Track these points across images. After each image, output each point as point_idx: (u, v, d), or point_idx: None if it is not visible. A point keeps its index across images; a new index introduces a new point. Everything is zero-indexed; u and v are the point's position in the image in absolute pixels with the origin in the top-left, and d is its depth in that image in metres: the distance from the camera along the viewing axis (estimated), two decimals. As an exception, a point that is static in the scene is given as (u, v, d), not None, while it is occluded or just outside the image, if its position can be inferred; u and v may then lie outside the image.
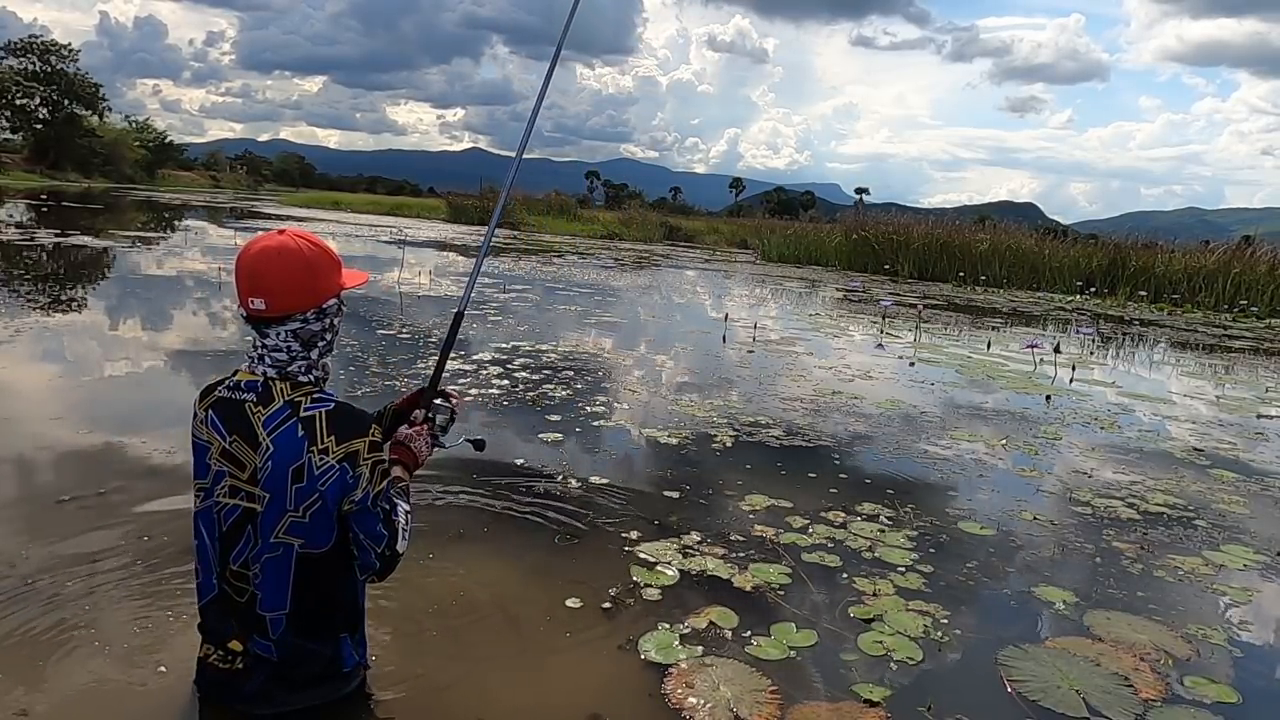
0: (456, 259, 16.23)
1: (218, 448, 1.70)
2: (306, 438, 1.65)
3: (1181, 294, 18.19)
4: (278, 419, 1.66)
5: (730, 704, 2.04)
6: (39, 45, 57.01)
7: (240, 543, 1.70)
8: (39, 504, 2.90)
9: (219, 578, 1.74)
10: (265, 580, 1.69)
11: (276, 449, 1.64)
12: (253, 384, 1.69)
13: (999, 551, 3.19)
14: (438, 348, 6.22)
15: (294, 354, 1.69)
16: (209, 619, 1.79)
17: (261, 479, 1.66)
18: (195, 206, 32.97)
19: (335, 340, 1.78)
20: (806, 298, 14.37)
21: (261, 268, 1.63)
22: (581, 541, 2.94)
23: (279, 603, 1.70)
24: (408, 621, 2.33)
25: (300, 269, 1.65)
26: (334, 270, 1.73)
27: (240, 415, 1.68)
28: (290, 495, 1.66)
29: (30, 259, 10.82)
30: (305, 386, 1.70)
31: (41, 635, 2.08)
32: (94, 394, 4.48)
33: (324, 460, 1.65)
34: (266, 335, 1.68)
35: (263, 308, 1.64)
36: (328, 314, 1.72)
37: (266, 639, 1.72)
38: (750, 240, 31.82)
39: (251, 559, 1.70)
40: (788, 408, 5.29)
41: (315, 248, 1.69)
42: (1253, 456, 5.07)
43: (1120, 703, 2.19)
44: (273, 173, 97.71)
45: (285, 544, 1.68)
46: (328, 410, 1.68)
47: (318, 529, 1.69)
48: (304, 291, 1.66)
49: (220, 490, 1.70)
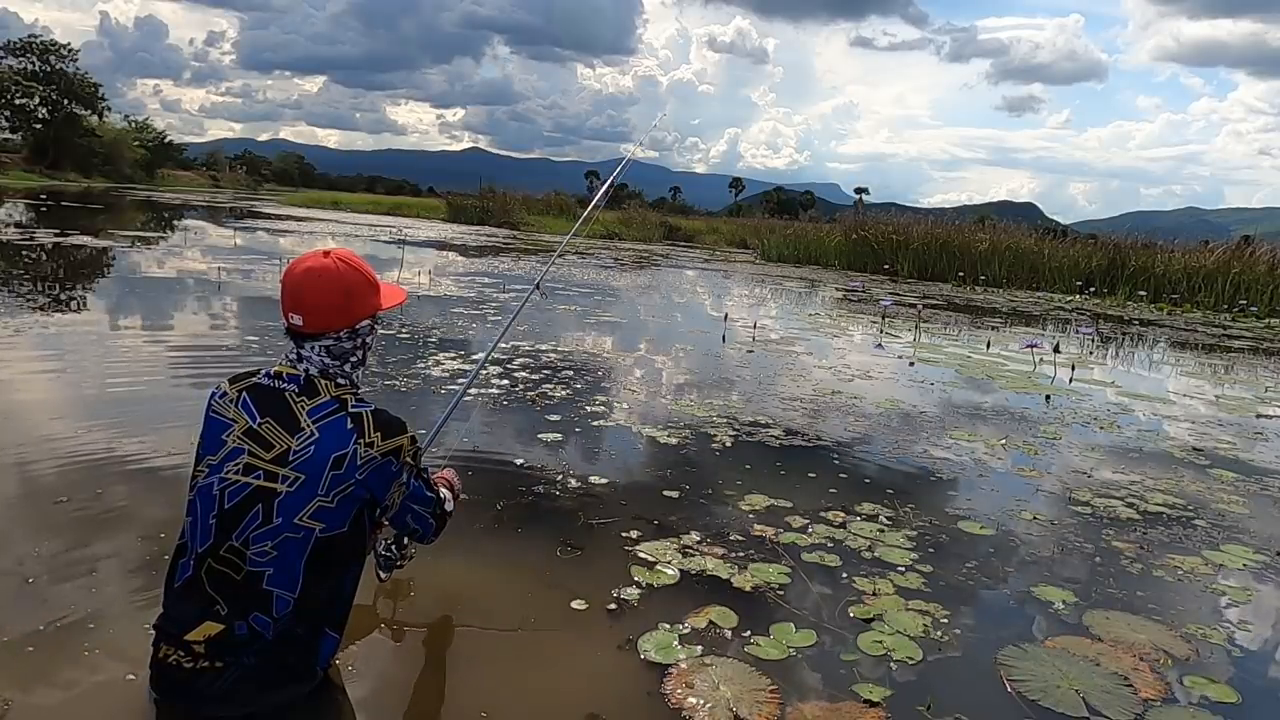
0: (456, 259, 16.24)
1: (242, 426, 1.77)
2: (355, 431, 1.77)
3: (1181, 294, 18.21)
4: (325, 410, 1.79)
5: (730, 704, 2.04)
6: (38, 45, 57.04)
7: (246, 520, 1.72)
8: (37, 504, 2.89)
9: (203, 557, 1.73)
10: (279, 559, 1.72)
11: (322, 437, 1.75)
12: (294, 378, 1.81)
13: (999, 551, 3.19)
14: (437, 347, 6.26)
15: (327, 365, 1.84)
16: (176, 605, 1.75)
17: (295, 461, 1.73)
18: (195, 206, 32.97)
19: (368, 356, 1.94)
20: (806, 298, 14.37)
21: (302, 287, 1.79)
22: (581, 542, 2.94)
23: (289, 583, 1.72)
24: (407, 622, 2.33)
25: (337, 291, 1.80)
26: (371, 293, 1.88)
27: (280, 402, 1.79)
28: (325, 480, 1.74)
29: (30, 259, 10.81)
30: (345, 387, 1.85)
31: (37, 636, 2.07)
32: (93, 394, 4.47)
33: (368, 453, 1.77)
34: (303, 347, 1.83)
35: (300, 324, 1.81)
36: (360, 334, 1.88)
37: (268, 616, 1.71)
38: (750, 240, 31.83)
39: (262, 536, 1.71)
40: (787, 407, 5.29)
41: (355, 271, 1.83)
42: (1252, 456, 5.07)
43: (1120, 702, 2.19)
44: (272, 172, 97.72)
45: (308, 528, 1.73)
46: (371, 410, 1.82)
47: (340, 514, 1.77)
48: (338, 312, 1.81)
49: (231, 467, 1.74)
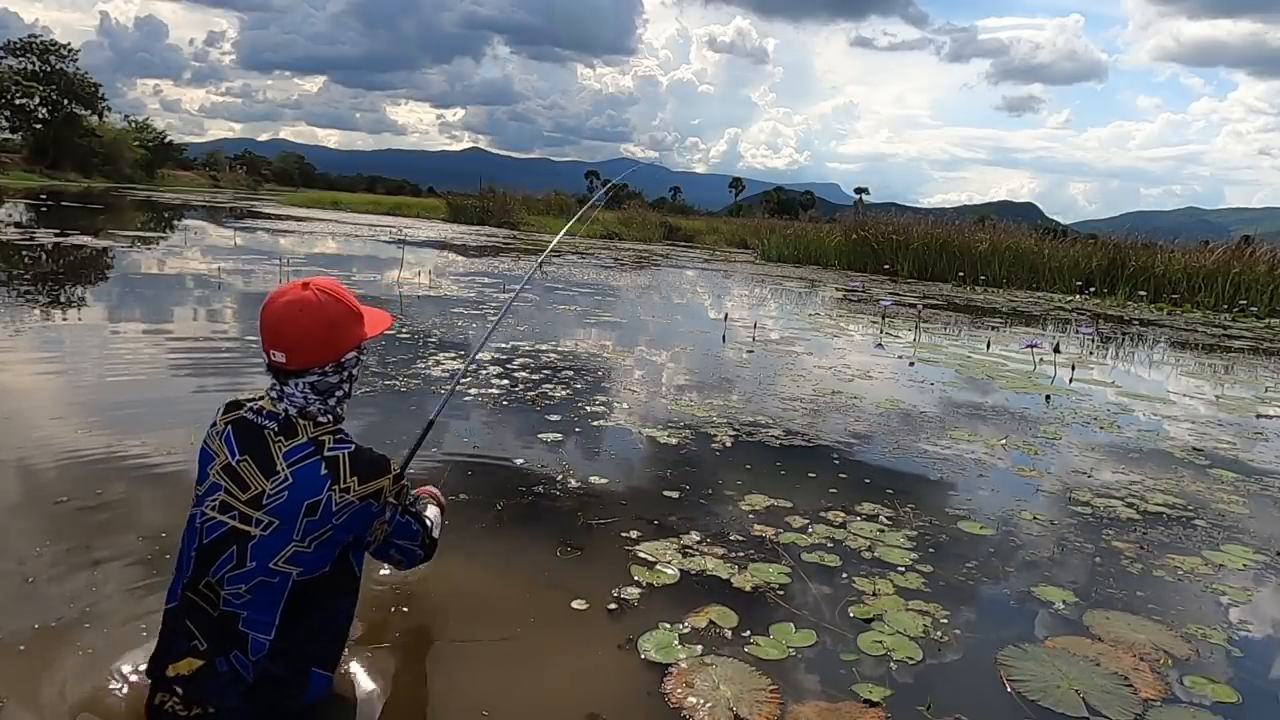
0: (456, 259, 16.23)
1: (222, 462, 1.72)
2: (330, 477, 1.69)
3: (1181, 294, 18.21)
4: (300, 453, 1.70)
5: (730, 703, 2.04)
6: (38, 45, 57.04)
7: (221, 559, 1.67)
8: (36, 504, 2.89)
9: (187, 587, 1.70)
10: (253, 602, 1.66)
11: (295, 482, 1.67)
12: (274, 415, 1.73)
13: (998, 551, 3.19)
14: (437, 347, 6.26)
15: (310, 401, 1.75)
16: (165, 631, 1.73)
17: (269, 505, 1.67)
18: (195, 206, 32.98)
19: (353, 389, 1.84)
20: (806, 298, 14.37)
21: (283, 323, 1.69)
22: (581, 542, 2.94)
23: (264, 626, 1.67)
24: (407, 622, 2.33)
25: (321, 325, 1.71)
26: (355, 324, 1.78)
27: (259, 440, 1.72)
28: (300, 527, 1.67)
29: (30, 259, 10.81)
30: (325, 426, 1.76)
31: (37, 636, 2.07)
32: (93, 394, 4.47)
33: (344, 498, 1.70)
34: (285, 384, 1.74)
35: (283, 360, 1.70)
36: (345, 367, 1.79)
37: (246, 657, 1.66)
38: (750, 240, 31.81)
39: (235, 579, 1.66)
40: (787, 407, 5.29)
41: (338, 303, 1.74)
42: (1252, 456, 5.07)
43: (1120, 702, 2.19)
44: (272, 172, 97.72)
45: (284, 572, 1.67)
46: (349, 452, 1.73)
47: (319, 558, 1.71)
48: (323, 346, 1.72)
49: (210, 502, 1.70)
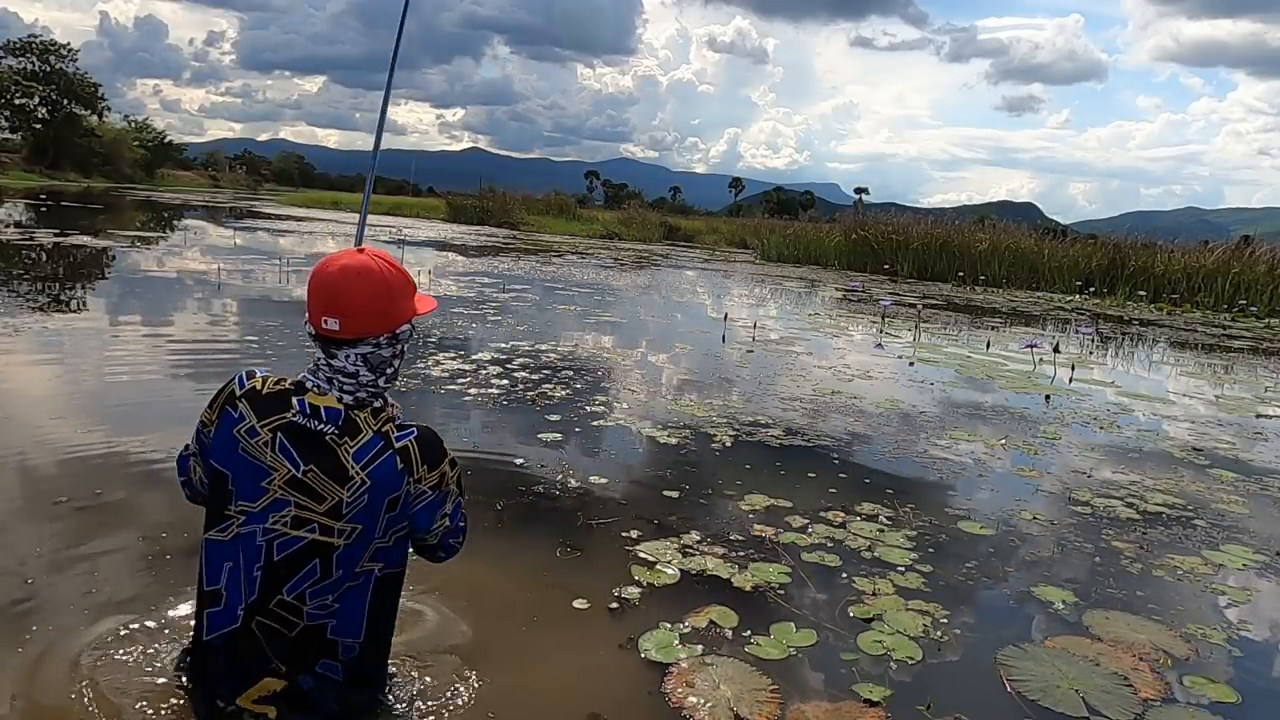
0: (456, 259, 16.23)
1: (284, 475, 1.60)
2: (406, 470, 1.64)
3: (1181, 294, 18.21)
4: (371, 452, 1.62)
5: (730, 703, 2.04)
6: (38, 45, 56.97)
7: (301, 574, 1.60)
8: (36, 504, 2.89)
9: (251, 609, 1.61)
10: (342, 609, 1.64)
11: (374, 483, 1.61)
12: (333, 413, 1.62)
13: (998, 551, 3.19)
14: (437, 347, 6.26)
15: (363, 380, 1.64)
16: (217, 662, 1.63)
17: (350, 513, 1.61)
18: (195, 206, 32.96)
19: (401, 367, 1.74)
20: (806, 297, 14.37)
21: (341, 287, 1.58)
22: (581, 542, 2.94)
23: (354, 630, 1.66)
24: (407, 622, 2.32)
25: (382, 292, 1.61)
26: (410, 297, 1.68)
27: (320, 446, 1.61)
28: (382, 524, 1.64)
29: (29, 258, 10.81)
30: (383, 414, 1.68)
31: (32, 637, 2.07)
32: (93, 394, 4.47)
33: (419, 489, 1.67)
34: (335, 357, 1.63)
35: (336, 328, 1.59)
36: (400, 339, 1.68)
37: (335, 660, 1.65)
38: (750, 240, 31.82)
39: (320, 591, 1.61)
40: (787, 407, 5.29)
41: (397, 271, 1.65)
42: (1252, 456, 5.07)
43: (1119, 702, 2.19)
44: (272, 172, 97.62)
45: (368, 571, 1.66)
46: (416, 438, 1.67)
47: (398, 551, 1.71)
48: (381, 315, 1.62)
49: (278, 519, 1.60)
